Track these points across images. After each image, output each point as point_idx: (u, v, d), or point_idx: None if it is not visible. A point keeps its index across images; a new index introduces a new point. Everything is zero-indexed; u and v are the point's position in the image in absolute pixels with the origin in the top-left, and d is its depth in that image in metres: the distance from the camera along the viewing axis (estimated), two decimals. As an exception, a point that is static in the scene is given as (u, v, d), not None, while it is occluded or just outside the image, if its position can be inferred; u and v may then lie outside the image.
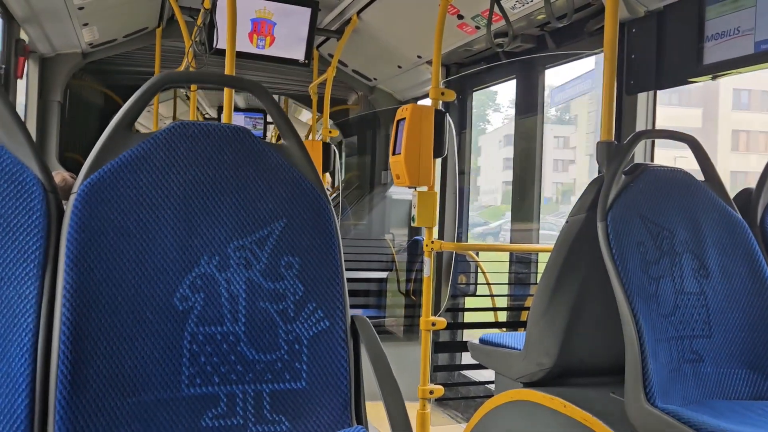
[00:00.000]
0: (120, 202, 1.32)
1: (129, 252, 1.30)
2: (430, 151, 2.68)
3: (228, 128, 1.45)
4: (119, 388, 1.24)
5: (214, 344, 1.33)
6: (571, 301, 1.80)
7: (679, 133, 1.90)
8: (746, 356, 1.70)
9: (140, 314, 1.29)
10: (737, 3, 2.33)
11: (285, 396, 1.36)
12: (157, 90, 1.42)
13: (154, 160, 1.37)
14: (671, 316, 1.65)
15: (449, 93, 2.77)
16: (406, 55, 4.12)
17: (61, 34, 3.96)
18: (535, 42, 3.41)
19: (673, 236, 1.73)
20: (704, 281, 1.73)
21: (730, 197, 1.89)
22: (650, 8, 2.64)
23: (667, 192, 1.78)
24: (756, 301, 1.73)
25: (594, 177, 1.85)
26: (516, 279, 3.79)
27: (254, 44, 3.92)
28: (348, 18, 3.96)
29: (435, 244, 2.67)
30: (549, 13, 2.17)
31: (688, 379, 1.63)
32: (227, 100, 2.39)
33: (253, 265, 1.39)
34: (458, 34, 3.51)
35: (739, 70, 2.39)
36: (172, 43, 4.40)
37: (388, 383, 1.25)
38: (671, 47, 2.58)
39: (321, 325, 1.40)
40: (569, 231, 1.79)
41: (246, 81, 1.55)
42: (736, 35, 2.34)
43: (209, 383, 1.32)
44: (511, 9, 3.02)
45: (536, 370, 1.86)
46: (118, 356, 1.25)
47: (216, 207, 1.39)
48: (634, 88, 2.74)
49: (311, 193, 1.47)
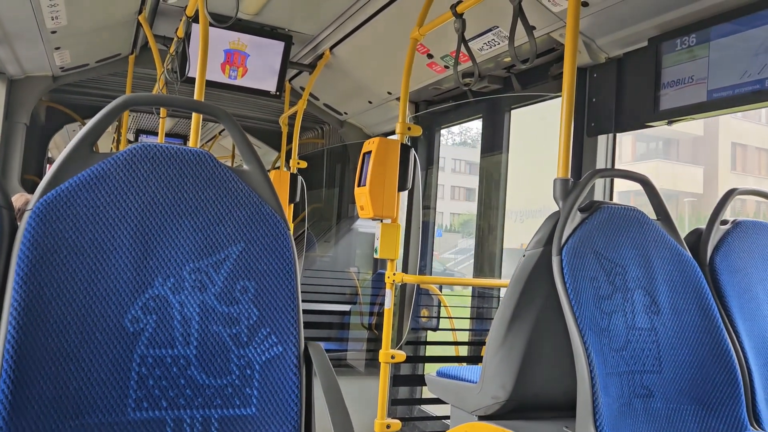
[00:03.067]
0: (75, 221, 1.31)
1: (81, 271, 1.29)
2: (395, 184, 2.72)
3: (190, 152, 1.46)
4: (62, 411, 1.21)
5: (164, 367, 1.31)
6: (526, 334, 1.82)
7: (633, 173, 1.97)
8: (695, 392, 1.73)
9: (89, 335, 1.26)
10: (692, 53, 2.44)
11: (234, 422, 1.34)
12: (121, 111, 1.42)
13: (113, 179, 1.36)
14: (623, 351, 1.68)
15: (416, 128, 2.83)
16: (376, 91, 4.20)
17: (32, 57, 3.94)
18: (502, 83, 3.51)
19: (626, 272, 1.78)
20: (655, 317, 1.76)
21: (681, 237, 1.95)
22: (611, 55, 2.74)
23: (621, 229, 1.83)
24: (704, 338, 1.77)
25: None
26: (477, 314, 3.80)
27: (227, 75, 3.95)
28: (321, 53, 4.03)
29: (397, 277, 2.68)
30: (513, 56, 2.25)
31: (638, 414, 1.65)
32: (194, 125, 2.40)
33: (208, 288, 1.39)
34: (427, 73, 3.60)
35: (692, 117, 2.49)
36: (145, 71, 4.41)
37: (339, 411, 1.24)
38: (630, 93, 2.68)
39: (274, 351, 1.39)
40: (525, 265, 1.82)
41: (210, 106, 1.56)
42: (690, 83, 2.45)
43: (156, 407, 1.29)
44: (479, 50, 3.11)
45: (491, 404, 1.87)
46: (63, 378, 1.22)
47: (173, 229, 1.39)
48: (594, 131, 2.82)
49: (271, 218, 1.47)
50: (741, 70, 2.23)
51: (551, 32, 2.72)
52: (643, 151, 20.57)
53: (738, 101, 2.23)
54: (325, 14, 3.58)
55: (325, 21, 3.67)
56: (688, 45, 2.44)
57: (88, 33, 3.82)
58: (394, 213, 2.75)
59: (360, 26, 3.53)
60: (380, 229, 2.75)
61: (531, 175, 5.75)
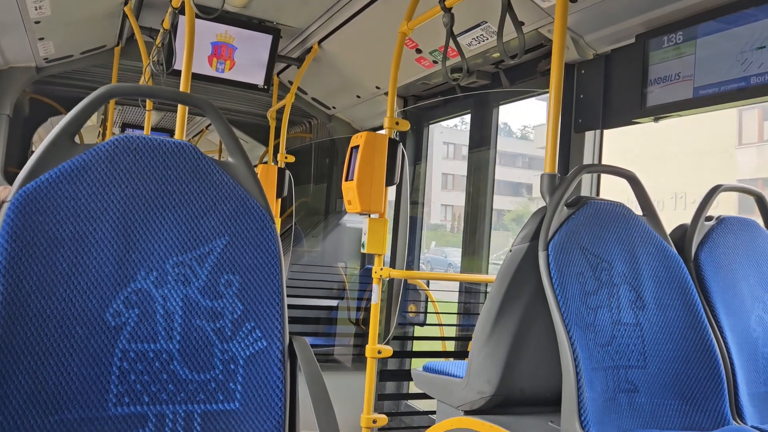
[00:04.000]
0: (56, 213, 1.29)
1: (62, 264, 1.27)
2: (383, 179, 2.71)
3: (173, 144, 1.44)
4: (41, 406, 1.19)
5: (146, 362, 1.30)
6: (512, 329, 1.82)
7: (620, 169, 1.97)
8: (679, 387, 1.74)
9: (69, 328, 1.25)
10: (678, 50, 2.45)
11: (217, 417, 1.33)
12: (103, 101, 1.40)
13: (95, 171, 1.34)
14: (608, 346, 1.68)
15: (404, 123, 2.82)
16: (364, 86, 4.18)
17: (15, 48, 3.88)
18: (490, 79, 3.50)
19: (612, 268, 1.78)
20: (640, 313, 1.77)
21: (666, 233, 1.95)
22: (598, 51, 2.75)
23: (607, 225, 1.83)
24: (689, 333, 1.78)
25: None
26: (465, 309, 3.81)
27: (214, 67, 3.92)
28: (309, 46, 4.01)
29: (384, 272, 2.68)
30: (502, 51, 2.24)
31: (622, 409, 1.66)
32: (180, 117, 2.38)
33: (191, 282, 1.37)
34: (416, 68, 3.59)
35: (679, 114, 2.50)
36: (131, 62, 4.36)
37: (323, 406, 1.23)
38: (617, 89, 2.69)
39: (258, 345, 1.38)
40: (512, 260, 1.82)
41: (195, 98, 1.54)
42: (677, 80, 2.45)
43: (138, 402, 1.28)
44: (467, 45, 3.11)
45: (477, 398, 1.87)
46: (43, 372, 1.21)
47: (156, 222, 1.37)
48: (581, 127, 2.83)
49: (256, 211, 1.46)
50: (727, 67, 2.24)
51: (540, 28, 2.72)
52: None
53: (724, 98, 2.24)
54: (313, 7, 3.56)
55: (314, 14, 3.64)
56: (675, 42, 2.45)
57: (72, 24, 3.77)
58: (382, 208, 2.74)
59: (349, 20, 3.51)
60: (368, 224, 2.74)
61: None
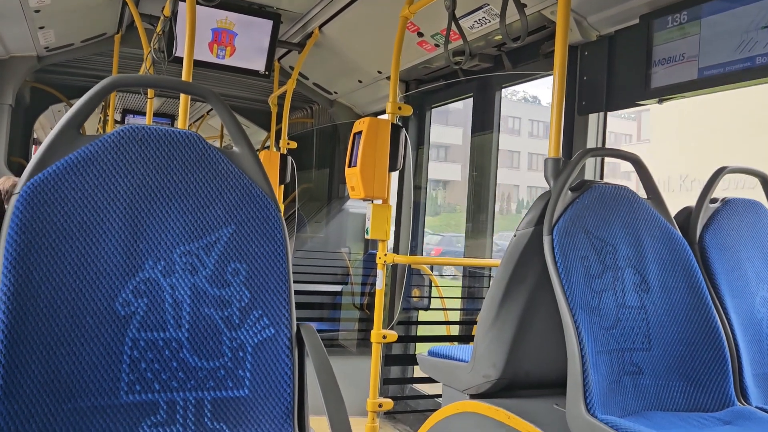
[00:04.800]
0: (63, 204, 1.29)
1: (70, 255, 1.28)
2: (386, 165, 2.71)
3: (179, 133, 1.44)
4: (55, 394, 1.21)
5: (156, 350, 1.31)
6: (518, 313, 1.83)
7: (624, 152, 1.97)
8: (683, 369, 1.75)
9: (80, 319, 1.26)
10: (683, 30, 2.43)
11: (227, 404, 1.34)
12: (108, 92, 1.40)
13: (101, 162, 1.35)
14: (613, 329, 1.69)
15: (406, 108, 2.81)
16: (366, 70, 4.16)
17: (16, 37, 3.87)
18: (493, 62, 3.48)
19: (616, 251, 1.78)
20: (645, 296, 1.78)
21: (671, 216, 1.95)
22: (602, 32, 2.73)
23: (612, 208, 1.83)
24: (693, 316, 1.79)
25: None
26: (469, 293, 3.82)
27: (214, 54, 3.90)
28: (310, 31, 3.98)
29: (388, 257, 2.69)
30: (504, 34, 2.23)
31: (627, 391, 1.67)
32: (182, 106, 2.38)
33: (199, 271, 1.38)
34: (418, 51, 3.57)
35: (683, 95, 2.49)
36: (131, 50, 4.35)
37: (331, 391, 1.24)
38: (621, 71, 2.67)
39: (266, 333, 1.39)
40: (517, 244, 1.82)
41: (199, 87, 1.54)
42: (681, 61, 2.43)
43: (149, 390, 1.30)
44: (469, 28, 3.08)
45: (482, 382, 1.88)
46: (55, 361, 1.22)
47: (163, 211, 1.38)
48: (585, 109, 2.82)
49: (261, 200, 1.46)
50: (732, 47, 2.22)
51: (542, 9, 2.70)
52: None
53: (729, 79, 2.22)
54: (313, -8, 3.53)
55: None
56: (680, 22, 2.43)
57: (72, 12, 3.75)
58: (385, 193, 2.74)
59: (349, 4, 3.49)
60: (371, 209, 2.74)
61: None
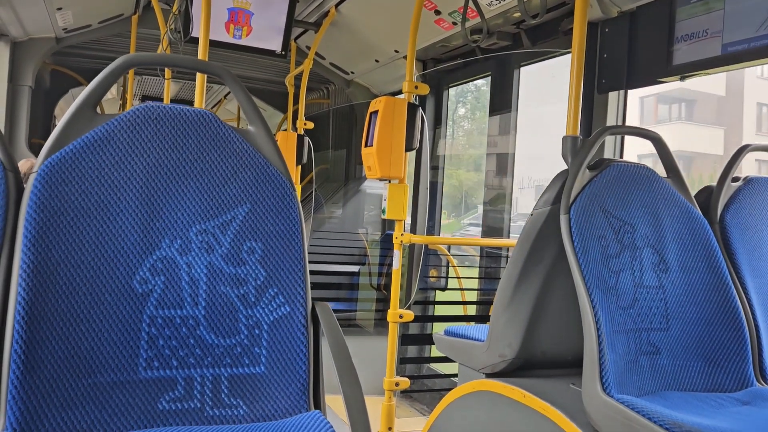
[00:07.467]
0: (81, 183, 1.31)
1: (88, 233, 1.29)
2: (402, 144, 2.69)
3: (194, 112, 1.44)
4: (74, 369, 1.23)
5: (173, 328, 1.33)
6: (534, 293, 1.82)
7: (644, 130, 1.93)
8: (702, 349, 1.73)
9: (98, 296, 1.28)
10: (707, 5, 2.37)
11: (243, 380, 1.36)
12: (123, 71, 1.41)
13: (117, 141, 1.36)
14: (630, 309, 1.68)
15: (423, 87, 2.78)
16: (383, 49, 4.13)
17: (35, 18, 3.89)
18: (511, 40, 3.43)
19: (634, 231, 1.76)
20: (663, 275, 1.76)
21: (692, 194, 1.92)
22: (623, 8, 2.67)
23: (630, 187, 1.81)
24: (713, 296, 1.77)
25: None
26: (486, 273, 3.81)
27: (231, 34, 3.90)
28: (326, 10, 3.95)
29: (405, 237, 2.68)
30: (523, 11, 2.19)
31: (644, 371, 1.66)
32: (198, 87, 2.38)
33: (215, 249, 1.39)
34: (435, 30, 3.53)
35: (707, 71, 2.44)
36: (148, 31, 4.36)
37: (347, 369, 1.25)
38: (642, 47, 2.62)
39: (281, 311, 1.40)
40: (533, 224, 1.81)
41: (213, 65, 1.54)
42: (705, 37, 2.38)
43: (167, 366, 1.31)
44: (487, 6, 3.04)
45: (498, 362, 1.88)
46: (75, 337, 1.24)
47: (179, 190, 1.38)
48: (605, 87, 2.77)
49: (276, 179, 1.47)
50: (757, 22, 2.17)
51: (562, -15, 2.65)
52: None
53: (753, 55, 2.17)
54: (329, -30, 3.50)
55: (330, -23, 3.59)
56: (703, -3, 2.37)
57: (89, -8, 3.77)
58: (402, 173, 2.73)
59: (366, -18, 3.46)
60: (388, 189, 2.74)
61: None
